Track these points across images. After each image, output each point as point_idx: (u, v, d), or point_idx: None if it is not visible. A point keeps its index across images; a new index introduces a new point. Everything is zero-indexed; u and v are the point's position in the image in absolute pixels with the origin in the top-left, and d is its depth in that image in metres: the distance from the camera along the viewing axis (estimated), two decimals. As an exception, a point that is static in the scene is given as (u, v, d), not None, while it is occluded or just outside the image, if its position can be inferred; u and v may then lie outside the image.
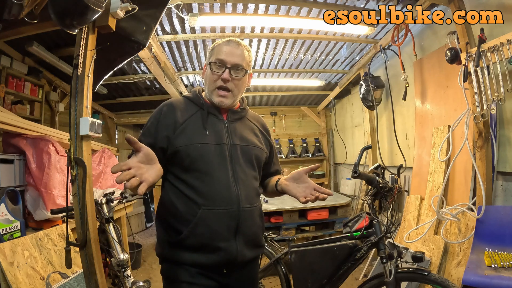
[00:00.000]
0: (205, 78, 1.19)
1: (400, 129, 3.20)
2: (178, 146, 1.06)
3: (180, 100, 1.18)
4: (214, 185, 1.06)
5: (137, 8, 1.58)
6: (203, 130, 1.10)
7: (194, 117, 1.12)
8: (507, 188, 2.03)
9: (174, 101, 1.17)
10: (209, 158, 1.07)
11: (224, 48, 1.13)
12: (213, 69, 1.12)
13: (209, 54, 1.18)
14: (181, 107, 1.14)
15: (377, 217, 1.60)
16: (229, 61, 1.11)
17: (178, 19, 2.57)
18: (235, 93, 1.15)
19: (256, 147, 1.19)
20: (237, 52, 1.14)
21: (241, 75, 1.14)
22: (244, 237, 1.09)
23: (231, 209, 1.06)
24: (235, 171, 1.10)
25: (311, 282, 1.68)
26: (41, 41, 2.61)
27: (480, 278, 1.46)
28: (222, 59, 1.12)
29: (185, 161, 1.05)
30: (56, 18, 1.28)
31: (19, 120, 2.06)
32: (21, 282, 1.58)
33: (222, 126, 1.14)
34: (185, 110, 1.14)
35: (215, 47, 1.17)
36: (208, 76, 1.15)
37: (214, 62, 1.12)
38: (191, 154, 1.05)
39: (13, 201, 1.89)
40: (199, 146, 1.06)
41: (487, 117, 1.92)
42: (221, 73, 1.11)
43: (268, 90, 4.84)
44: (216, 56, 1.13)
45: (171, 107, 1.13)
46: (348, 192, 4.55)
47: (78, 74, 1.51)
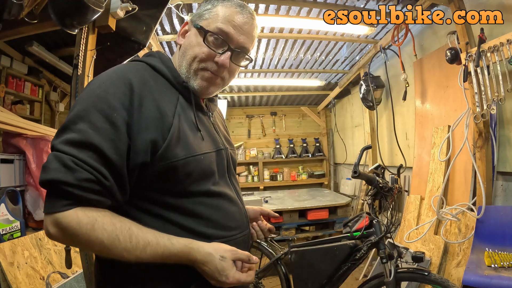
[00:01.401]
0: (184, 46, 0.77)
1: (400, 129, 3.20)
2: (174, 160, 0.67)
3: (148, 72, 0.72)
4: (225, 207, 0.76)
5: (137, 8, 1.58)
6: (196, 131, 0.75)
7: (180, 109, 0.73)
8: (507, 188, 2.03)
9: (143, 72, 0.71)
10: (213, 172, 0.76)
11: (234, 16, 0.75)
12: (209, 42, 0.74)
13: (203, 12, 0.76)
14: (157, 87, 0.71)
15: (377, 217, 1.60)
16: (236, 40, 0.75)
17: (178, 19, 2.57)
18: (226, 82, 0.80)
19: (235, 150, 0.94)
20: (249, 29, 0.77)
21: (244, 64, 0.82)
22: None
23: (246, 234, 0.82)
24: (233, 185, 0.84)
25: (311, 282, 1.68)
26: (41, 41, 2.61)
27: (480, 278, 1.46)
28: (227, 33, 0.74)
29: (184, 182, 0.69)
30: (56, 18, 1.28)
31: (19, 120, 2.06)
32: (21, 282, 1.58)
33: (209, 123, 0.83)
34: (165, 95, 0.72)
35: (218, 5, 0.76)
36: (195, 47, 0.74)
37: (214, 32, 0.74)
38: (193, 171, 0.70)
39: (13, 201, 1.89)
40: (201, 159, 0.72)
41: (487, 117, 1.92)
42: (221, 53, 0.75)
43: (268, 90, 4.84)
44: (218, 24, 0.74)
45: (145, 84, 0.68)
46: (348, 192, 4.55)
47: (78, 74, 1.51)
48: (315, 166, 5.63)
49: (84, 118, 0.61)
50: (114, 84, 0.65)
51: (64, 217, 0.58)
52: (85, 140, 0.60)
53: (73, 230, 0.58)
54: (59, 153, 0.59)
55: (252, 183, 5.20)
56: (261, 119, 5.53)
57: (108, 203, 0.63)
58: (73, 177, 0.58)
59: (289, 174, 5.33)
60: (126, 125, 0.63)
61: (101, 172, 0.60)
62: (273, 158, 5.34)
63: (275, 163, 5.43)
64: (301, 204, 3.62)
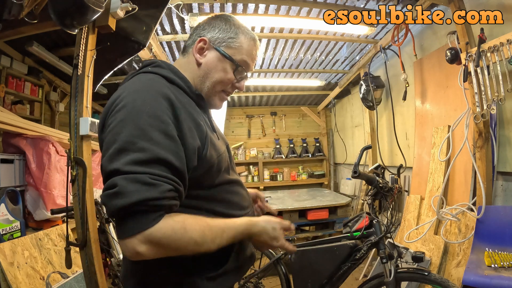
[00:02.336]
0: (208, 67, 0.87)
1: (400, 129, 3.20)
2: (211, 159, 0.78)
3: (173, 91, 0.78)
4: (239, 191, 0.93)
5: (137, 8, 1.58)
6: (213, 132, 0.87)
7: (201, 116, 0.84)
8: (507, 188, 2.03)
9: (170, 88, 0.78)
10: (228, 165, 0.90)
11: (255, 51, 0.92)
12: (237, 71, 0.88)
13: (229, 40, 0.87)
14: (186, 102, 0.80)
15: (377, 217, 1.60)
16: (251, 69, 0.93)
17: (178, 19, 2.57)
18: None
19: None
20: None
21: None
22: None
23: (252, 211, 1.01)
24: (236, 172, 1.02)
25: (311, 282, 1.68)
26: (41, 41, 2.61)
27: (480, 278, 1.45)
28: (249, 66, 0.91)
29: (215, 176, 0.82)
30: (56, 18, 1.28)
31: (19, 120, 2.06)
32: (21, 282, 1.58)
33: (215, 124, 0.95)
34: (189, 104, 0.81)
35: (242, 37, 0.88)
36: (220, 72, 0.87)
37: (239, 63, 0.87)
38: (222, 166, 0.84)
39: (13, 201, 1.89)
40: (224, 156, 0.86)
41: (487, 117, 1.92)
42: (240, 80, 0.91)
43: (268, 90, 4.83)
44: (244, 57, 0.89)
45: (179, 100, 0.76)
46: (348, 192, 4.55)
47: (78, 74, 1.51)
48: (315, 166, 5.63)
49: (143, 137, 0.65)
50: (157, 101, 0.71)
51: (158, 229, 0.64)
52: (153, 156, 0.65)
53: (168, 238, 0.65)
54: (132, 175, 0.63)
55: (252, 183, 5.20)
56: (261, 119, 5.53)
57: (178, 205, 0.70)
58: (158, 191, 0.63)
59: (289, 174, 5.33)
60: (177, 136, 0.70)
61: (175, 180, 0.67)
62: (273, 158, 5.34)
63: (275, 163, 5.43)
64: (301, 204, 3.62)
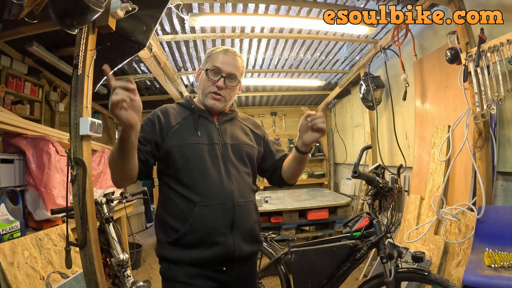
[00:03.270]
0: (199, 82, 1.24)
1: (400, 129, 3.20)
2: (171, 146, 1.10)
3: (173, 106, 1.24)
4: (208, 182, 1.10)
5: (137, 8, 1.58)
6: (194, 131, 1.15)
7: (186, 120, 1.18)
8: (507, 188, 2.03)
9: (168, 106, 1.23)
10: (202, 157, 1.12)
11: (221, 57, 1.19)
12: (209, 75, 1.18)
13: (205, 60, 1.23)
14: (174, 112, 1.20)
15: (377, 217, 1.60)
16: (225, 70, 1.17)
17: (178, 19, 2.57)
18: (227, 99, 1.21)
19: (247, 144, 1.24)
20: (233, 62, 1.19)
21: (235, 84, 1.21)
22: (241, 231, 1.12)
23: (225, 204, 1.09)
24: (227, 168, 1.15)
25: (311, 282, 1.68)
26: (41, 41, 2.61)
27: (480, 278, 1.46)
28: (218, 67, 1.17)
29: (179, 161, 1.09)
30: (56, 18, 1.28)
31: (19, 120, 2.06)
32: (21, 282, 1.58)
33: (212, 127, 1.20)
34: (177, 115, 1.19)
35: (212, 54, 1.22)
36: (203, 81, 1.20)
37: (210, 69, 1.18)
38: (184, 154, 1.10)
39: (13, 201, 1.89)
40: (191, 146, 1.12)
41: (487, 117, 1.92)
42: (217, 80, 1.17)
43: (268, 90, 4.83)
44: (213, 63, 1.18)
45: (165, 111, 1.19)
46: (348, 192, 4.55)
47: (78, 74, 1.51)
48: (315, 166, 5.63)
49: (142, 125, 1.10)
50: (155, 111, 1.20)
51: None
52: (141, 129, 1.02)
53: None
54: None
55: (252, 183, 5.19)
56: (261, 119, 5.53)
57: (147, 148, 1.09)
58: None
59: (289, 174, 5.32)
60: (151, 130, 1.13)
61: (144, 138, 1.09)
62: (273, 158, 5.33)
63: (275, 163, 5.42)
64: (301, 204, 3.61)
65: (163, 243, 1.12)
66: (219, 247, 1.07)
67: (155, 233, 1.19)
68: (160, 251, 1.13)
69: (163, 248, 1.12)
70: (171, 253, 1.10)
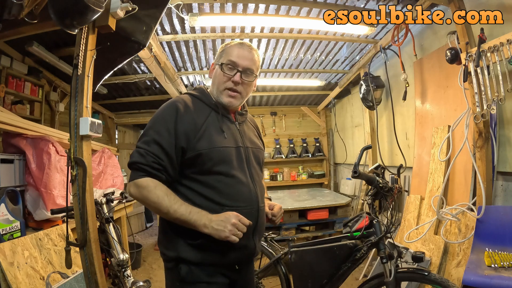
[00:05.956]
0: (213, 77, 1.19)
1: (400, 129, 3.20)
2: (201, 149, 1.06)
3: (190, 99, 1.16)
4: (236, 186, 1.10)
5: (137, 8, 1.57)
6: (221, 133, 1.12)
7: (211, 119, 1.13)
8: (507, 188, 2.03)
9: (186, 100, 1.14)
10: (230, 160, 1.10)
11: (237, 51, 1.15)
12: (224, 70, 1.14)
13: (220, 54, 1.19)
14: (195, 108, 1.13)
15: (377, 217, 1.60)
16: (241, 65, 1.14)
17: (178, 19, 2.57)
18: (243, 95, 1.18)
19: (261, 149, 1.29)
20: (249, 56, 1.16)
21: (251, 79, 1.18)
22: (259, 234, 1.18)
23: (252, 209, 1.12)
24: (251, 173, 1.16)
25: (311, 282, 1.68)
26: (41, 41, 2.61)
27: (480, 278, 1.46)
28: (234, 62, 1.14)
29: (207, 164, 1.06)
30: (56, 18, 1.28)
31: (19, 120, 2.06)
32: (21, 282, 1.58)
33: (234, 128, 1.18)
34: (200, 111, 1.13)
35: (227, 48, 1.17)
36: (218, 76, 1.16)
37: (226, 63, 1.14)
38: (214, 157, 1.07)
39: (13, 201, 1.89)
40: (221, 150, 1.09)
41: (487, 117, 1.92)
42: (233, 75, 1.13)
43: (268, 90, 4.84)
44: (228, 58, 1.14)
45: (187, 106, 1.11)
46: (348, 192, 4.55)
47: (78, 74, 1.51)
48: (315, 166, 5.63)
49: (152, 128, 1.08)
50: (168, 108, 1.11)
51: (139, 181, 1.04)
52: (152, 139, 1.05)
53: (143, 187, 1.03)
54: (138, 149, 1.06)
55: (252, 183, 5.19)
56: (261, 119, 5.52)
57: (164, 178, 1.05)
58: (145, 160, 1.04)
59: (289, 174, 5.33)
60: (174, 129, 1.06)
61: (160, 157, 1.04)
62: (273, 158, 5.34)
63: (275, 163, 5.43)
64: (301, 204, 3.61)
65: (183, 245, 1.08)
66: (244, 251, 1.11)
67: (161, 233, 1.16)
68: (178, 252, 1.08)
69: (183, 250, 1.08)
70: (193, 255, 1.07)
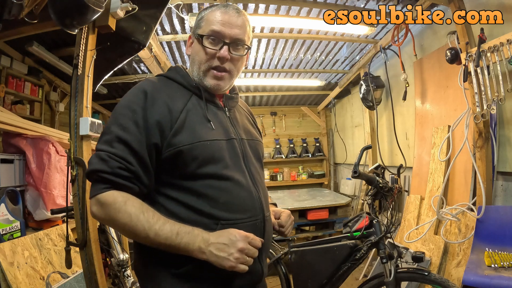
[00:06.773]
0: (192, 54, 0.90)
1: (400, 129, 3.20)
2: (180, 145, 0.77)
3: (163, 81, 0.87)
4: (234, 191, 0.81)
5: (137, 8, 1.57)
6: (206, 122, 0.84)
7: (191, 105, 0.84)
8: (507, 188, 2.03)
9: (157, 82, 0.85)
10: (222, 157, 0.82)
11: (221, 16, 0.85)
12: (205, 44, 0.85)
13: (198, 22, 0.88)
14: (170, 91, 0.84)
15: (377, 217, 1.60)
16: (228, 35, 0.84)
17: (178, 19, 2.57)
18: (233, 74, 0.89)
19: (259, 141, 1.00)
20: (237, 22, 0.86)
21: (243, 53, 0.89)
22: (266, 252, 0.91)
23: (257, 220, 0.84)
24: (251, 172, 0.88)
25: (311, 282, 1.68)
26: (41, 41, 2.61)
27: (480, 278, 1.46)
28: (218, 32, 0.84)
29: (191, 165, 0.78)
30: (56, 18, 1.28)
31: (19, 120, 2.06)
32: (21, 282, 1.58)
33: (224, 117, 0.90)
34: (176, 96, 0.84)
35: (207, 14, 0.87)
36: (198, 52, 0.86)
37: (207, 35, 0.84)
38: (198, 155, 0.78)
39: (13, 201, 1.89)
40: (208, 144, 0.80)
41: (487, 117, 1.92)
42: (218, 49, 0.84)
43: (268, 90, 4.83)
44: (210, 27, 0.84)
45: (158, 90, 0.82)
46: (348, 192, 4.55)
47: (78, 74, 1.51)
48: (315, 166, 5.63)
49: (115, 123, 0.78)
50: (132, 94, 0.82)
51: (103, 196, 0.74)
52: (115, 137, 0.76)
53: (108, 205, 0.73)
54: (98, 152, 0.76)
55: (252, 183, 5.19)
56: (261, 119, 5.52)
57: (136, 189, 0.77)
58: (107, 166, 0.74)
59: (289, 174, 5.33)
60: (143, 120, 0.77)
61: (128, 160, 0.75)
62: (273, 158, 5.34)
63: (275, 163, 5.43)
64: (301, 204, 3.61)
65: (164, 276, 0.79)
66: (248, 276, 0.81)
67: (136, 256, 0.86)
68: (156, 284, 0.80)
69: (164, 283, 0.79)
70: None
